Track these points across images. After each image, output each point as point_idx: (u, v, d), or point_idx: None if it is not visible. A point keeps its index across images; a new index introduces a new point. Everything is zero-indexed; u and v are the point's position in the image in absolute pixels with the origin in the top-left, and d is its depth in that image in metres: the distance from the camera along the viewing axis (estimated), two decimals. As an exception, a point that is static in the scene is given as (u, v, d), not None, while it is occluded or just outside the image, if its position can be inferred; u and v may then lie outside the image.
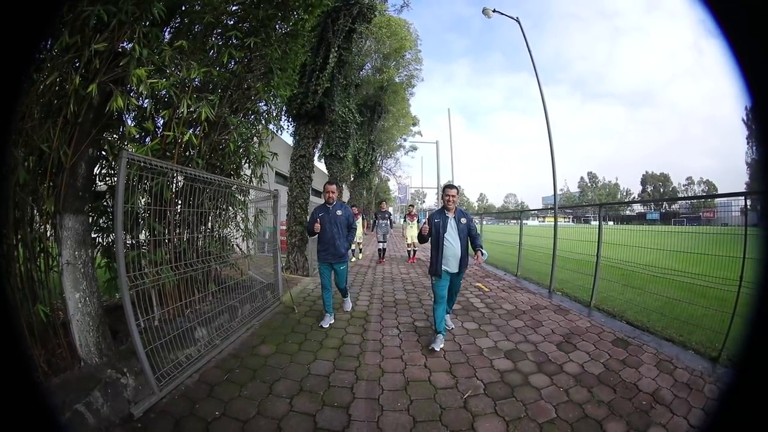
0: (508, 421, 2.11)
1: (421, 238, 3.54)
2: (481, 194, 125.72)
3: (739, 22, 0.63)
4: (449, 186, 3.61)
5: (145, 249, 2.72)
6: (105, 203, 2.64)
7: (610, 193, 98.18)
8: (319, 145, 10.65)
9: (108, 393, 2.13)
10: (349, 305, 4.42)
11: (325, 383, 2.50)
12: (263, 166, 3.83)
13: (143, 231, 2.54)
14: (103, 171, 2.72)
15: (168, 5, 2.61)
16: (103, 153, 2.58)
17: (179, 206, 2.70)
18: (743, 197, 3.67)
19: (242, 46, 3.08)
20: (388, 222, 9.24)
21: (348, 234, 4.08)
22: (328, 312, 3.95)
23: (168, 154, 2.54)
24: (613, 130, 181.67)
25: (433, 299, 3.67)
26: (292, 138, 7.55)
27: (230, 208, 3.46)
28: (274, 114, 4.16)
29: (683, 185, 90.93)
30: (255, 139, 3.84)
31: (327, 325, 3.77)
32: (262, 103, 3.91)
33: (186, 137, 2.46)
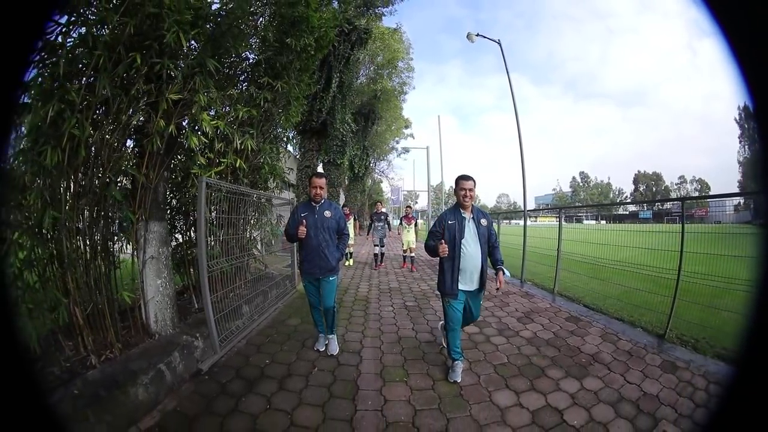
0: (471, 362, 3.02)
1: (432, 252, 2.79)
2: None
3: (740, 21, 0.61)
4: (464, 177, 2.78)
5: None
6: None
7: (602, 193, 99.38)
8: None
9: (184, 353, 2.85)
10: (335, 347, 3.22)
11: (342, 339, 3.43)
12: (282, 179, 4.71)
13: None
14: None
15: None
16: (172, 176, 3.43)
17: (229, 214, 3.55)
18: (680, 201, 4.36)
19: (272, 89, 3.94)
20: (385, 224, 8.42)
21: (339, 241, 3.30)
22: (321, 332, 3.29)
23: (223, 176, 3.39)
24: (606, 130, 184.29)
25: (443, 321, 3.06)
26: (294, 149, 8.45)
27: (262, 214, 4.33)
28: (291, 137, 5.02)
29: (675, 184, 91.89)
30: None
31: (323, 348, 3.20)
32: (280, 129, 4.77)
33: (238, 163, 3.33)
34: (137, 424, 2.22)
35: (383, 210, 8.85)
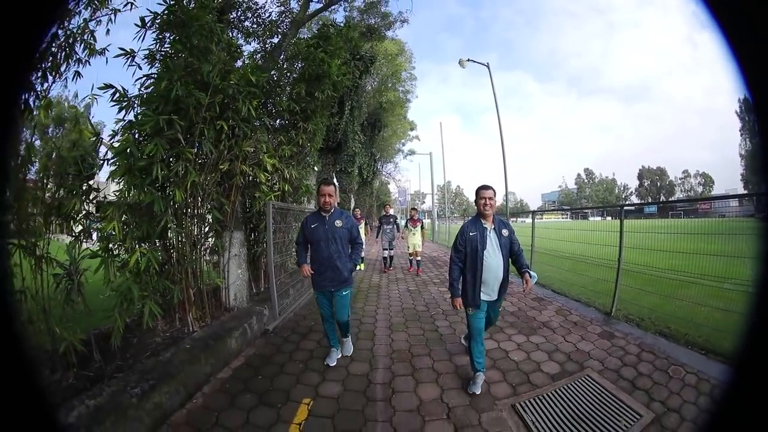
0: (450, 322, 4.44)
1: (451, 286, 2.91)
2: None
3: (738, 15, 0.62)
4: (484, 187, 2.82)
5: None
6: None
7: (607, 189, 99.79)
8: (330, 165, 12.99)
9: (257, 318, 4.21)
10: (350, 347, 3.48)
11: (362, 311, 4.92)
12: (311, 194, 6.15)
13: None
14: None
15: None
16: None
17: (280, 224, 5.00)
18: (620, 207, 5.03)
19: (305, 131, 5.38)
20: (394, 227, 8.42)
21: (353, 251, 3.24)
22: (333, 346, 3.32)
23: (277, 197, 4.84)
24: (610, 126, 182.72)
25: (466, 332, 3.18)
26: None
27: (297, 222, 5.76)
28: (316, 158, 6.46)
29: (679, 178, 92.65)
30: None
31: (334, 363, 3.20)
32: (309, 157, 6.22)
33: (286, 188, 4.78)
34: (229, 365, 3.35)
35: (392, 212, 8.88)
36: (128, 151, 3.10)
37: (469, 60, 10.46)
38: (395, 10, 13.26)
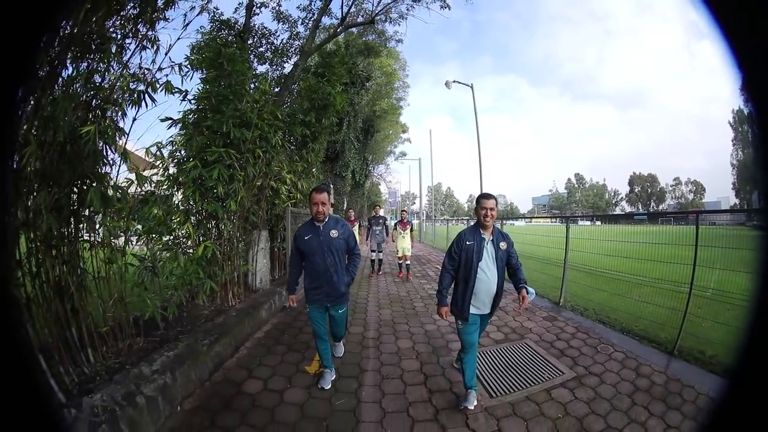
0: (425, 303, 5.81)
1: (439, 292, 2.81)
2: (470, 195, 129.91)
3: (740, 21, 0.61)
4: (486, 196, 2.72)
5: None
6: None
7: (597, 194, 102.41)
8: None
9: (278, 296, 5.53)
10: (341, 350, 3.56)
11: (356, 295, 6.29)
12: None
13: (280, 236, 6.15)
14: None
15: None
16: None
17: (293, 225, 6.30)
18: (565, 218, 7.05)
19: (313, 150, 6.69)
20: (383, 228, 8.26)
21: (350, 263, 3.08)
22: (327, 367, 3.09)
23: (292, 204, 6.14)
24: (603, 131, 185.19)
25: (455, 356, 3.25)
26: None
27: (307, 224, 7.08)
28: (319, 168, 7.77)
29: (670, 186, 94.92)
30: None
31: (328, 386, 2.98)
32: (314, 169, 7.53)
33: (298, 197, 6.08)
34: (261, 329, 4.49)
35: (381, 214, 8.71)
36: (198, 174, 4.30)
37: (454, 81, 11.83)
38: (390, 30, 14.62)
